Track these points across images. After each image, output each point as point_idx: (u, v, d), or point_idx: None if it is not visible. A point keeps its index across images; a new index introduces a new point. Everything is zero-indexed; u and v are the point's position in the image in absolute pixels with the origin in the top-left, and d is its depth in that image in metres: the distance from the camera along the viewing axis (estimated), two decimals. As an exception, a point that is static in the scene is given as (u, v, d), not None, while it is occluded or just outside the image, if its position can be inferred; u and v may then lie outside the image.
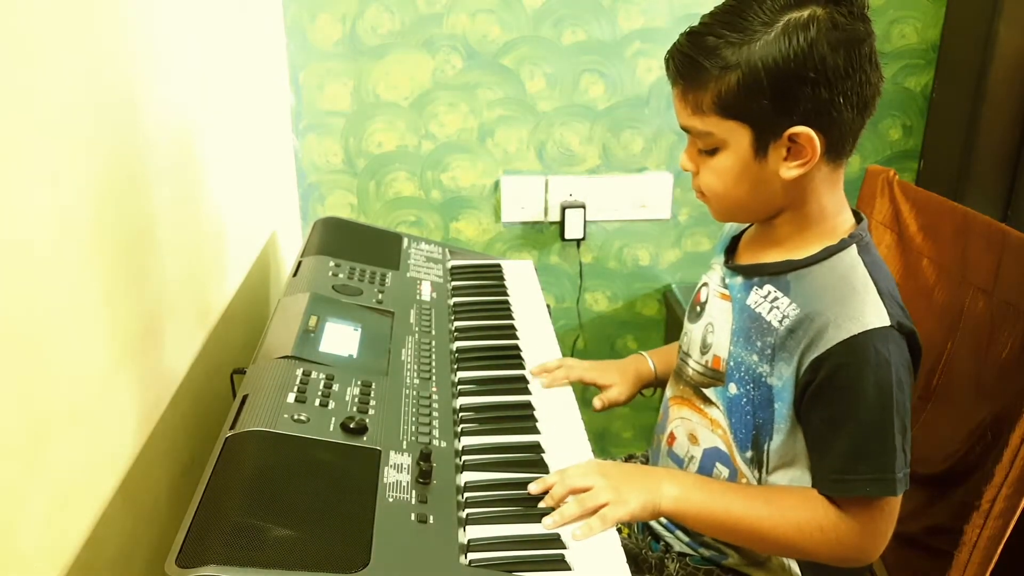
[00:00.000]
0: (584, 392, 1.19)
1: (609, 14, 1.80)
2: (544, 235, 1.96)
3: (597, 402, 1.18)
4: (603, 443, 2.14)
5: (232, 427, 0.89)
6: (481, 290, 1.40)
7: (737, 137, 0.90)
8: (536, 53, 1.82)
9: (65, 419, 0.79)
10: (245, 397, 0.94)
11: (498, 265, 1.50)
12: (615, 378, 1.21)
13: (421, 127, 1.85)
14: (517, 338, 1.25)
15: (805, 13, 0.85)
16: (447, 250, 1.51)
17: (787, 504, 0.91)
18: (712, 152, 0.93)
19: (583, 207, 1.90)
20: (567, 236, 1.92)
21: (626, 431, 2.15)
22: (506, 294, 1.39)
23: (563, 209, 1.90)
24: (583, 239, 1.94)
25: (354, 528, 0.79)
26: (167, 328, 1.06)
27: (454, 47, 1.80)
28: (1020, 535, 1.02)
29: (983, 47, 1.69)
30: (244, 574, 0.71)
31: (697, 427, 1.04)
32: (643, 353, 1.24)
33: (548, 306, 1.39)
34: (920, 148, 1.95)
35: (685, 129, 0.95)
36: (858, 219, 0.97)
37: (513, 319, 1.31)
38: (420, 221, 1.93)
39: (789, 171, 0.90)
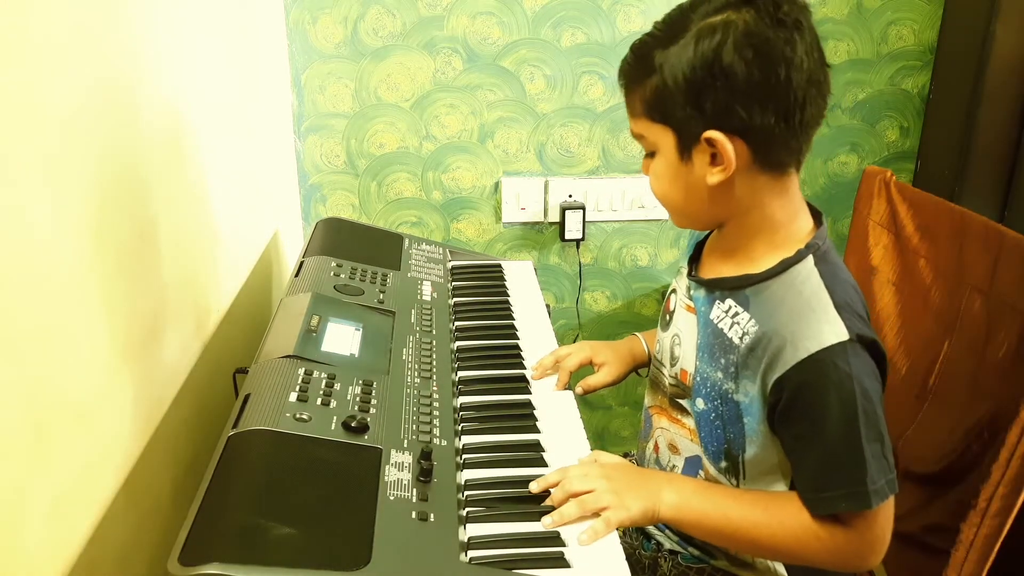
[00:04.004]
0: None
1: (608, 16, 1.81)
2: (544, 236, 1.97)
3: (579, 388, 1.16)
4: (602, 442, 2.15)
5: (234, 426, 0.90)
6: (481, 290, 1.41)
7: (665, 140, 0.91)
8: (536, 55, 1.83)
9: (68, 418, 0.79)
10: (247, 396, 0.95)
11: (498, 265, 1.51)
12: (609, 357, 1.20)
13: (422, 128, 1.86)
14: (517, 338, 1.26)
15: (719, 18, 0.85)
16: (448, 250, 1.52)
17: (784, 512, 0.90)
18: (652, 156, 0.94)
19: (582, 208, 1.91)
20: (567, 237, 1.93)
21: (624, 429, 2.16)
22: (506, 294, 1.40)
23: (563, 210, 1.91)
24: (582, 240, 1.94)
25: (355, 526, 0.79)
26: (169, 328, 1.06)
27: (455, 49, 1.81)
28: (1017, 533, 1.03)
29: (980, 48, 1.69)
30: (246, 572, 0.71)
31: (676, 437, 1.04)
32: (637, 334, 1.24)
33: (548, 306, 1.40)
34: (917, 149, 1.96)
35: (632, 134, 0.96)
36: (819, 222, 0.95)
37: (513, 319, 1.32)
38: (421, 222, 1.94)
39: (712, 177, 0.89)
